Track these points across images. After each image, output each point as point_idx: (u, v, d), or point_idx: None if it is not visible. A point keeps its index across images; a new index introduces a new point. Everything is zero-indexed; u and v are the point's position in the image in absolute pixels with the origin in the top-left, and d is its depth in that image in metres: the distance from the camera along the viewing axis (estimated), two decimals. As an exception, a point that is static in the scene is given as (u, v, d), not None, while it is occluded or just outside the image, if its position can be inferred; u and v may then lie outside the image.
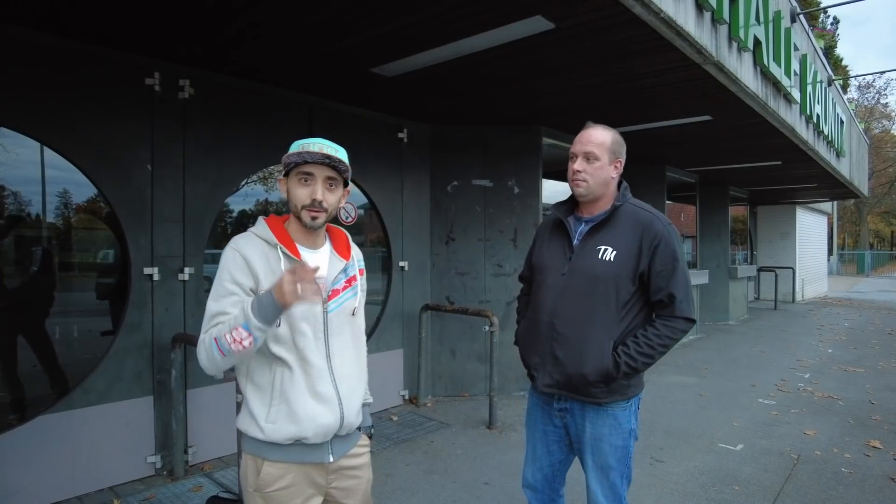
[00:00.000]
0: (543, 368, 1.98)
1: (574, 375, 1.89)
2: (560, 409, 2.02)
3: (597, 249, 1.92)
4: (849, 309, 13.77)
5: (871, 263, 30.45)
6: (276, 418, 1.49)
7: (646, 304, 1.94)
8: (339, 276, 1.63)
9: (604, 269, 1.88)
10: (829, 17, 23.14)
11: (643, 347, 1.86)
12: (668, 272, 1.87)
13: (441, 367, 5.41)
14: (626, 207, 1.96)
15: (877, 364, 7.17)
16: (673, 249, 1.88)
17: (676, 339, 1.90)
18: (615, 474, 1.96)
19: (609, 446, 1.94)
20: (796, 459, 3.90)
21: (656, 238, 1.87)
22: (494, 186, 5.43)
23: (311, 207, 1.52)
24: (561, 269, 1.97)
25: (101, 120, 3.28)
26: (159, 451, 3.52)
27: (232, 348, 1.40)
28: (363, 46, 3.30)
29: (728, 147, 6.77)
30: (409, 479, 3.55)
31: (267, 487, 1.51)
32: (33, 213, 3.22)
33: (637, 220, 1.92)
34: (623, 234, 1.91)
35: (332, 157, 1.51)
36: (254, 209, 4.25)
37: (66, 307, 3.39)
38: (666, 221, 1.93)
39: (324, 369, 1.55)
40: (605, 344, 1.87)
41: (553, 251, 2.04)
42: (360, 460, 1.69)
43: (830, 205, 18.95)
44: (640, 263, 1.88)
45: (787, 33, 5.09)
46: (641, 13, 2.84)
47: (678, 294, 1.87)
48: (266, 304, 1.39)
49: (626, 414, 1.95)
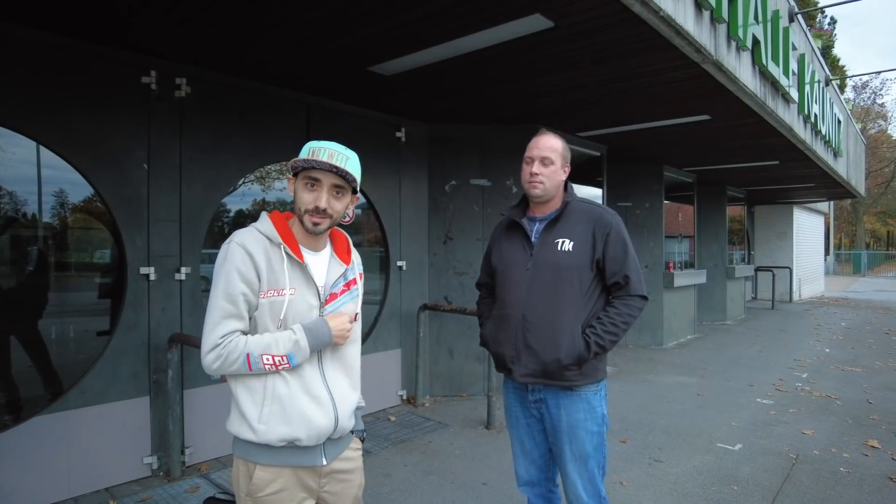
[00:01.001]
0: (518, 360, 2.07)
1: (549, 362, 2.00)
2: (535, 401, 2.11)
3: (555, 242, 2.06)
4: (846, 309, 13.80)
5: (868, 263, 30.55)
6: (268, 419, 1.47)
7: (604, 289, 2.10)
8: (339, 279, 1.62)
9: (565, 258, 2.03)
10: (826, 17, 23.20)
11: (608, 326, 2.00)
12: (620, 256, 2.04)
13: (439, 366, 5.40)
14: (574, 204, 2.13)
15: (874, 363, 7.18)
16: (623, 236, 2.07)
17: (635, 316, 2.06)
18: (592, 463, 2.06)
19: (586, 432, 2.04)
20: (795, 459, 3.90)
21: (607, 227, 2.05)
22: (492, 186, 5.42)
23: (314, 213, 1.51)
24: (525, 265, 2.09)
25: (97, 118, 3.25)
26: (156, 452, 3.50)
27: (266, 369, 1.46)
28: (361, 44, 3.28)
29: (726, 147, 6.77)
30: (407, 479, 3.53)
31: (259, 492, 1.49)
32: (29, 212, 3.20)
33: (588, 214, 2.09)
34: (576, 226, 2.07)
35: (339, 168, 1.49)
36: (251, 209, 4.23)
37: (62, 307, 3.36)
38: (613, 213, 2.12)
39: (316, 373, 1.54)
40: (574, 329, 2.00)
41: (513, 251, 2.16)
42: (352, 464, 1.67)
43: (827, 205, 19.00)
44: (595, 251, 2.04)
45: (785, 33, 5.09)
46: (640, 11, 2.83)
47: (632, 275, 2.04)
48: (323, 341, 1.51)
49: (597, 398, 2.08)
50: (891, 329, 10.28)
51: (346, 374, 1.63)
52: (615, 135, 5.91)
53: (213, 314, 1.46)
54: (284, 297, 1.49)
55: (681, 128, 5.49)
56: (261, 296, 1.48)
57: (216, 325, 1.45)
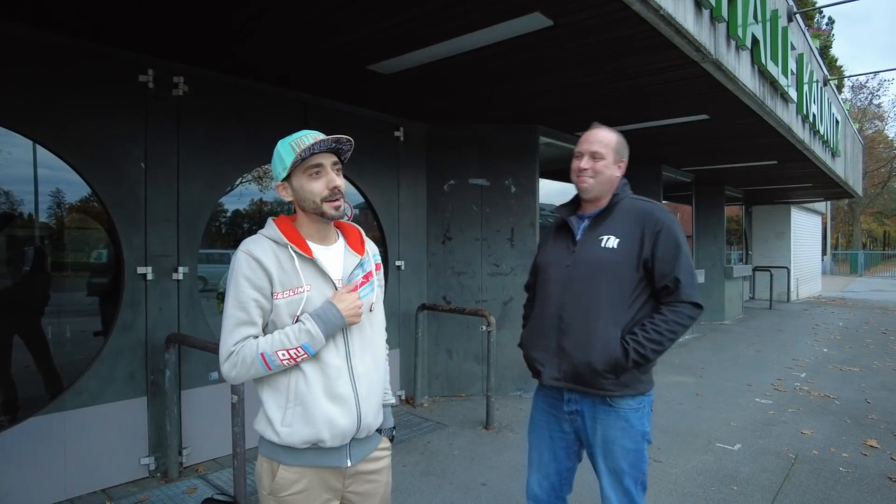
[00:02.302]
0: (550, 361, 1.96)
1: (581, 364, 1.87)
2: (570, 413, 1.99)
3: (599, 239, 1.94)
4: (843, 308, 13.83)
5: (864, 263, 30.64)
6: (291, 422, 1.46)
7: (652, 293, 1.93)
8: (356, 271, 1.59)
9: (607, 256, 1.90)
10: (824, 17, 23.26)
11: (651, 334, 1.84)
12: (671, 257, 1.87)
13: (437, 367, 5.38)
14: (626, 201, 2.00)
15: (872, 363, 7.19)
16: (675, 235, 1.89)
17: (685, 325, 1.88)
18: (628, 479, 1.92)
19: (621, 449, 1.91)
20: (794, 459, 3.89)
21: (658, 224, 1.89)
22: (491, 186, 5.41)
23: (331, 198, 1.50)
24: (565, 262, 1.98)
25: (93, 117, 3.23)
26: (153, 453, 3.48)
27: (284, 365, 1.44)
28: (360, 42, 3.27)
29: (725, 146, 6.77)
30: (406, 480, 3.52)
31: (282, 491, 1.49)
32: (25, 212, 3.17)
33: (638, 210, 1.95)
34: (624, 223, 1.93)
35: (341, 138, 1.48)
36: (248, 209, 4.22)
37: (59, 307, 3.34)
38: (666, 210, 1.96)
39: (343, 368, 1.52)
40: (612, 332, 1.85)
41: (557, 249, 2.06)
42: (380, 464, 1.65)
43: (824, 205, 19.03)
44: (643, 250, 1.88)
45: (783, 32, 5.09)
46: (641, 10, 2.82)
47: (683, 279, 1.86)
48: (335, 324, 1.47)
49: (638, 416, 1.92)
50: (888, 329, 10.30)
51: (375, 365, 1.61)
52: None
53: (226, 324, 1.47)
54: (300, 295, 1.48)
55: (679, 127, 5.49)
56: (275, 297, 1.47)
57: (229, 334, 1.46)
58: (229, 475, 3.49)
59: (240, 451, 2.73)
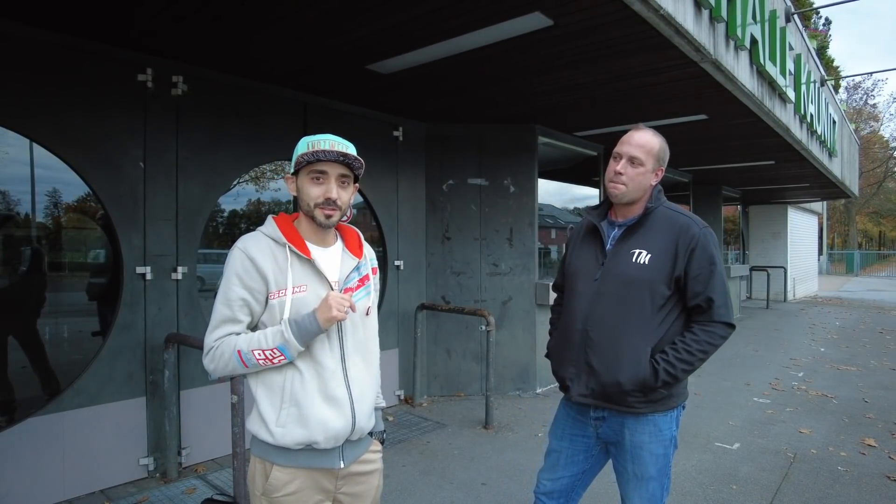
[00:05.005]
0: (578, 378, 1.90)
1: (609, 384, 1.81)
2: (597, 418, 1.94)
3: (630, 253, 1.85)
4: (839, 308, 13.87)
5: (860, 263, 30.73)
6: (285, 422, 1.46)
7: (683, 309, 1.86)
8: (352, 274, 1.60)
9: (638, 272, 1.81)
10: (821, 17, 23.34)
11: (682, 354, 1.78)
12: (705, 276, 1.79)
13: (437, 366, 5.38)
14: (660, 210, 1.90)
15: (868, 362, 7.22)
16: (710, 253, 1.81)
17: (716, 345, 1.82)
18: (655, 485, 1.89)
19: (650, 455, 1.86)
20: (793, 458, 3.90)
21: (693, 241, 1.80)
22: (490, 185, 5.41)
23: (325, 206, 1.50)
24: (593, 275, 1.90)
25: (92, 116, 3.22)
26: (152, 453, 3.47)
27: (260, 364, 1.45)
28: (360, 42, 3.26)
29: (723, 146, 6.79)
30: (405, 479, 3.51)
31: (275, 492, 1.49)
32: (22, 212, 3.16)
33: (673, 223, 1.85)
34: (658, 236, 1.84)
35: (348, 154, 1.48)
36: (246, 208, 4.20)
37: (57, 308, 3.32)
38: (703, 224, 1.87)
39: (337, 371, 1.52)
40: (641, 351, 1.79)
41: (585, 257, 1.98)
42: (371, 466, 1.66)
43: (821, 205, 19.10)
44: (676, 267, 1.81)
45: (782, 33, 5.10)
46: (640, 10, 2.82)
47: (717, 299, 1.79)
48: (310, 331, 1.44)
49: (666, 420, 1.88)
50: (884, 328, 10.34)
51: (367, 369, 1.61)
52: (613, 134, 5.91)
53: (212, 319, 1.50)
54: (297, 295, 1.49)
55: (678, 127, 5.49)
56: (270, 297, 1.48)
57: (213, 329, 1.49)
58: (229, 475, 3.49)
59: (239, 451, 2.73)
